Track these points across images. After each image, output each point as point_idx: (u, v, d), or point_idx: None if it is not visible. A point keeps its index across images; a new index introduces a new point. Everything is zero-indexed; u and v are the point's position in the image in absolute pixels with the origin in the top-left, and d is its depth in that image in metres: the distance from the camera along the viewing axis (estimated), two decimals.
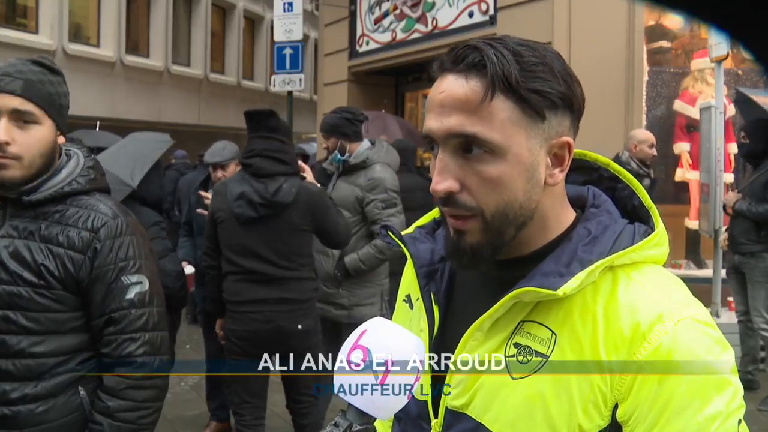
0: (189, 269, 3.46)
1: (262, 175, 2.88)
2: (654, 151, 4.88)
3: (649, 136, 4.96)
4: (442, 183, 0.84)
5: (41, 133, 1.57)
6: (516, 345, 0.87)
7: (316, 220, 2.99)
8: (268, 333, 2.91)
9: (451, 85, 0.83)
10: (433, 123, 0.85)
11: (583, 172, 1.00)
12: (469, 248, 0.87)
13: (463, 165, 0.84)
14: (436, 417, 0.94)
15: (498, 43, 0.83)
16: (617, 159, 4.98)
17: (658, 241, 0.88)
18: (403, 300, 1.08)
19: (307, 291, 3.00)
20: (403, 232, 1.03)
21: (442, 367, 0.93)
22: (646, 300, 0.82)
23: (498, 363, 0.87)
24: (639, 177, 4.76)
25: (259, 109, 3.04)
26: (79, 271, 1.57)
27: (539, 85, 0.82)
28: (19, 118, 1.53)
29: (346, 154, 3.51)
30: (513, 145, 0.82)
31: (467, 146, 0.83)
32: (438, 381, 0.94)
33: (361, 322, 0.87)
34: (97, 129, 4.57)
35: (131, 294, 1.61)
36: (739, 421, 0.79)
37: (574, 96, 0.86)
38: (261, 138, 2.94)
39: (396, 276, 1.19)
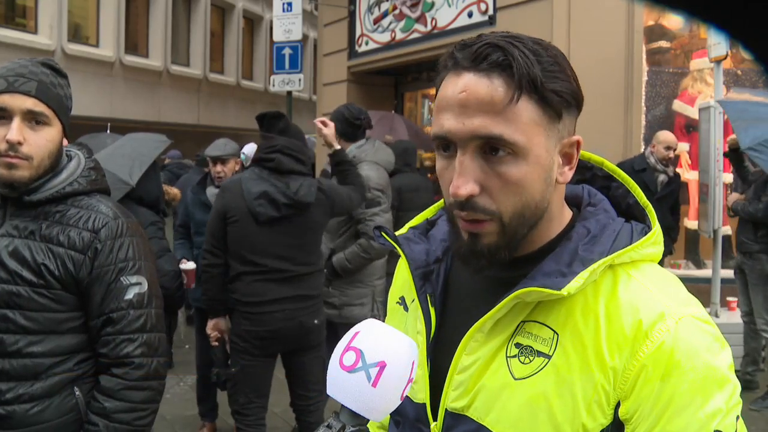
0: (190, 265, 3.43)
1: (282, 171, 2.88)
2: (670, 153, 5.16)
3: (668, 138, 5.22)
4: (464, 186, 0.81)
5: (51, 135, 1.59)
6: (517, 345, 0.86)
7: (337, 210, 3.10)
8: (290, 330, 2.93)
9: (474, 85, 0.81)
10: (453, 124, 0.82)
11: (577, 171, 1.00)
12: (486, 251, 0.85)
13: (483, 167, 0.82)
14: (435, 420, 0.93)
15: (518, 41, 0.82)
16: (642, 154, 5.21)
17: (656, 240, 0.89)
18: (397, 302, 1.08)
19: (320, 286, 3.07)
20: (397, 233, 1.02)
21: (441, 370, 0.92)
22: (647, 298, 0.82)
23: (500, 364, 0.87)
24: (655, 172, 4.94)
25: (267, 111, 3.08)
26: (79, 271, 1.58)
27: (558, 85, 0.82)
28: (32, 119, 1.55)
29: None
30: (534, 146, 0.82)
31: (489, 148, 0.82)
32: (436, 383, 0.93)
33: (350, 322, 0.87)
34: (108, 131, 4.54)
35: (130, 295, 1.62)
36: (737, 417, 0.80)
37: (581, 94, 0.87)
38: (281, 136, 2.97)
39: (392, 277, 1.18)
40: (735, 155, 4.91)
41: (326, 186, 3.02)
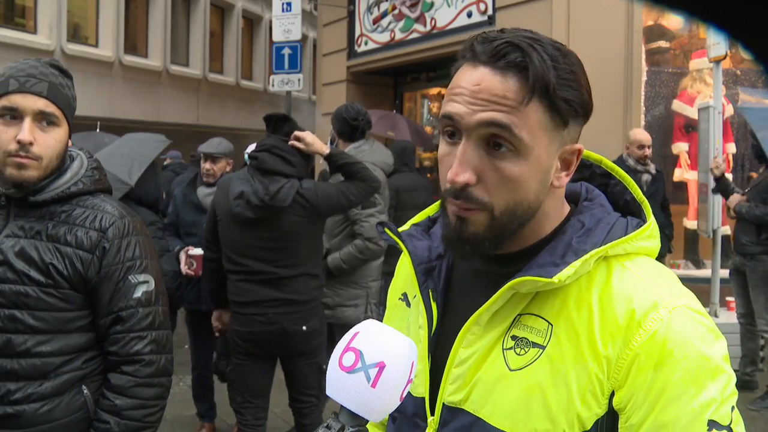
0: (198, 251, 3.41)
1: (264, 170, 2.84)
2: (644, 152, 5.06)
3: (639, 137, 5.12)
4: (462, 174, 0.83)
5: (60, 135, 1.60)
6: (513, 337, 0.87)
7: (327, 213, 2.99)
8: (272, 335, 2.90)
9: (488, 80, 0.83)
10: (463, 109, 0.83)
11: (576, 169, 1.01)
12: (472, 238, 0.87)
13: (484, 158, 0.84)
14: (432, 414, 0.93)
15: (538, 45, 0.83)
16: (620, 157, 5.08)
17: (650, 233, 0.90)
18: (399, 299, 1.08)
19: (310, 291, 2.97)
20: (399, 230, 1.03)
21: (441, 364, 0.93)
22: (640, 288, 0.83)
23: (496, 356, 0.88)
24: (637, 173, 4.84)
25: (275, 113, 3.05)
26: (88, 270, 1.59)
27: (569, 94, 0.84)
28: (42, 120, 1.56)
29: None
30: (536, 148, 0.83)
31: (493, 140, 0.83)
32: (436, 377, 0.94)
33: (343, 323, 0.87)
34: (98, 130, 4.55)
35: (138, 293, 1.63)
36: (732, 408, 0.80)
37: (591, 105, 0.88)
38: (275, 137, 2.93)
39: (390, 277, 1.18)
40: (722, 184, 4.83)
41: (309, 190, 2.87)
